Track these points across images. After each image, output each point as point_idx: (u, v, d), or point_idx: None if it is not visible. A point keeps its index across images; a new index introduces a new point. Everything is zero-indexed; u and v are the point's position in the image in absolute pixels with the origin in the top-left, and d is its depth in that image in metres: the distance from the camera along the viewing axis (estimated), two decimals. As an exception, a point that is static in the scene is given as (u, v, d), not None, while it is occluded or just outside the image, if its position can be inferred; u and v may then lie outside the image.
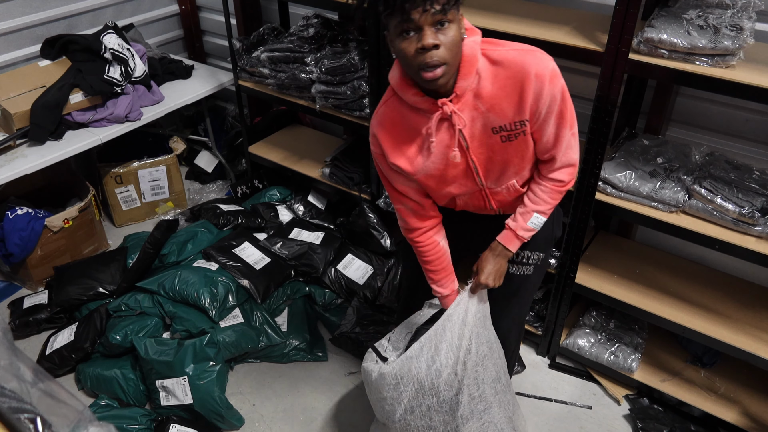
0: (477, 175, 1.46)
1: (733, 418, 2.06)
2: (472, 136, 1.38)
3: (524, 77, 1.30)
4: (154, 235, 2.51)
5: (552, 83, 1.32)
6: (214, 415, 2.13)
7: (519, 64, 1.30)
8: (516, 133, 1.37)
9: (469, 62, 1.30)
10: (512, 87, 1.32)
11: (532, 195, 1.51)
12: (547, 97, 1.32)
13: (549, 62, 1.32)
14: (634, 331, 2.33)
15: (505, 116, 1.35)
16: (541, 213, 1.51)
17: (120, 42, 2.78)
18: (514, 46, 1.34)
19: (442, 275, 1.65)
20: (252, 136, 3.18)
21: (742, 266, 2.21)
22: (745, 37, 1.65)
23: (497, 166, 1.44)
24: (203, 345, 2.16)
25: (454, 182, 1.47)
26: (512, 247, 1.56)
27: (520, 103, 1.33)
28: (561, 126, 1.39)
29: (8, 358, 0.77)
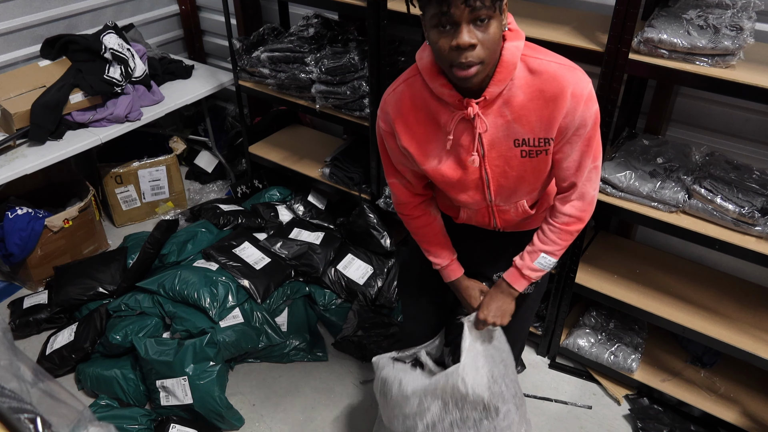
0: (488, 188, 1.37)
1: (733, 418, 2.06)
2: (491, 145, 1.29)
3: (560, 93, 1.21)
4: (154, 235, 2.51)
5: (587, 106, 1.23)
6: (214, 415, 2.13)
7: (557, 79, 1.22)
8: (539, 150, 1.29)
9: (507, 68, 1.21)
10: (545, 101, 1.23)
11: (541, 234, 1.44)
12: (579, 119, 1.24)
13: (588, 84, 1.24)
14: (634, 331, 2.33)
15: (531, 130, 1.26)
16: (550, 254, 1.43)
17: (120, 42, 2.78)
18: (556, 59, 1.25)
19: (436, 245, 1.58)
20: (252, 136, 3.18)
21: (742, 266, 2.21)
22: (745, 37, 1.65)
23: (511, 182, 1.35)
24: (203, 345, 2.16)
25: (462, 190, 1.40)
26: (518, 286, 1.49)
27: (550, 120, 1.24)
28: (585, 154, 1.30)
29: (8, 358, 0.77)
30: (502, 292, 1.51)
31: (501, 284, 1.51)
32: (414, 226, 1.58)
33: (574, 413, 2.23)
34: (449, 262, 1.59)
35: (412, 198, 1.53)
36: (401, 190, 1.52)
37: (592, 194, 1.37)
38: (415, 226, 1.57)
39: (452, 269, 1.60)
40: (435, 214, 1.57)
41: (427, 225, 1.56)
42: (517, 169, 1.32)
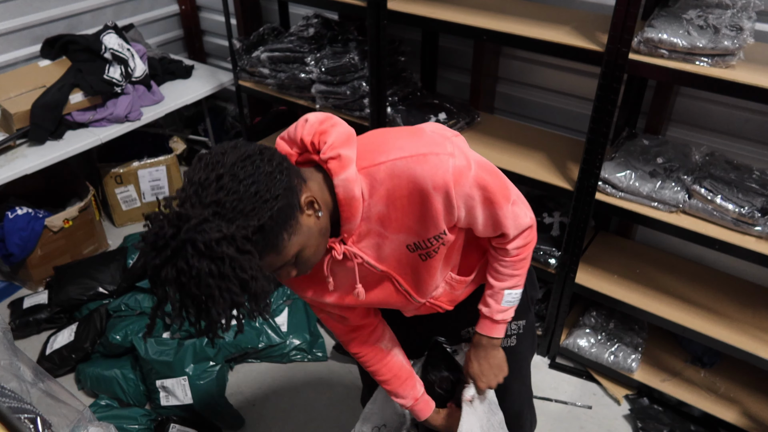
0: (410, 295, 1.24)
1: (733, 418, 2.06)
2: (383, 260, 1.14)
3: (422, 193, 1.04)
4: (154, 235, 2.51)
5: (459, 185, 1.05)
6: (214, 415, 2.13)
7: (411, 179, 1.03)
8: (435, 248, 1.13)
9: (349, 204, 1.03)
10: (411, 205, 1.06)
11: (495, 273, 1.28)
12: (460, 200, 1.07)
13: (446, 163, 1.03)
14: (634, 331, 2.33)
15: (415, 234, 1.10)
16: (513, 288, 1.29)
17: (120, 42, 2.78)
18: (401, 153, 1.04)
19: (396, 384, 1.40)
20: (252, 136, 3.18)
21: (742, 266, 2.21)
22: (745, 37, 1.65)
23: (427, 280, 1.21)
24: (203, 345, 2.16)
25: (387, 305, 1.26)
26: (497, 333, 1.33)
27: (428, 219, 1.08)
28: (496, 210, 1.14)
29: (8, 358, 0.77)
30: (484, 347, 1.35)
31: (479, 340, 1.35)
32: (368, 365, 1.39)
33: (574, 413, 2.23)
34: (414, 402, 1.42)
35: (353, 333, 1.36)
36: (336, 325, 1.36)
37: (527, 222, 1.22)
38: (364, 363, 1.39)
39: (419, 408, 1.43)
40: (388, 350, 1.38)
41: (381, 367, 1.39)
42: (425, 269, 1.18)
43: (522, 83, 2.52)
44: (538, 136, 2.37)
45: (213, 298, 0.86)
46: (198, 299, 0.87)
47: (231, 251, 0.85)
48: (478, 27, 1.98)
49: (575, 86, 2.37)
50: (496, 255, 1.26)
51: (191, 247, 0.84)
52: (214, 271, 0.84)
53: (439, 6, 2.15)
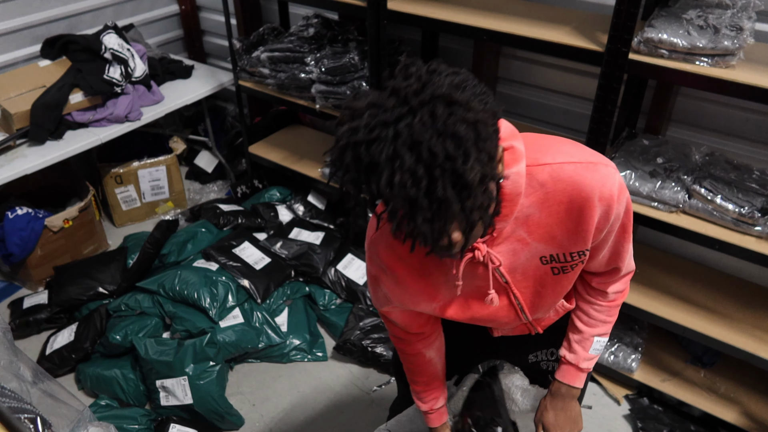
0: (521, 311, 1.15)
1: (733, 418, 2.06)
2: (513, 270, 1.08)
3: (585, 201, 0.99)
4: (154, 235, 2.51)
5: (619, 202, 1.01)
6: (214, 415, 2.13)
7: (577, 186, 0.98)
8: (573, 264, 1.07)
9: (511, 200, 0.97)
10: (567, 213, 1.00)
11: (586, 317, 1.21)
12: (614, 218, 1.03)
13: (614, 175, 1.00)
14: (634, 331, 2.33)
15: (558, 246, 1.04)
16: (603, 335, 1.22)
17: (120, 42, 2.78)
18: (568, 158, 0.99)
19: (424, 387, 1.35)
20: (252, 136, 3.18)
21: (742, 266, 2.21)
22: (745, 37, 1.65)
23: (547, 299, 1.14)
24: (203, 345, 2.16)
25: (489, 321, 1.18)
26: (578, 383, 1.25)
27: (579, 232, 1.02)
28: (624, 240, 1.11)
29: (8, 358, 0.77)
30: (563, 396, 1.26)
31: (559, 389, 1.26)
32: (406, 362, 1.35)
33: (574, 413, 2.23)
34: (430, 411, 1.37)
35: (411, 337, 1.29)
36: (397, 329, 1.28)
37: (633, 266, 1.18)
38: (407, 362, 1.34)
39: (432, 418, 1.38)
40: (433, 359, 1.33)
41: (419, 368, 1.33)
42: (552, 286, 1.11)
43: (522, 83, 2.52)
44: (538, 136, 2.37)
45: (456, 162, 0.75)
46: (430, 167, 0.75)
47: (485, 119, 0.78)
48: (478, 27, 1.98)
49: (575, 86, 2.37)
50: (592, 298, 1.20)
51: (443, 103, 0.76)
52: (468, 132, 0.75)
53: (439, 6, 2.15)
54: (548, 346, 1.38)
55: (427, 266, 1.08)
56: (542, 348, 1.38)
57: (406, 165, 0.76)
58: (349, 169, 0.81)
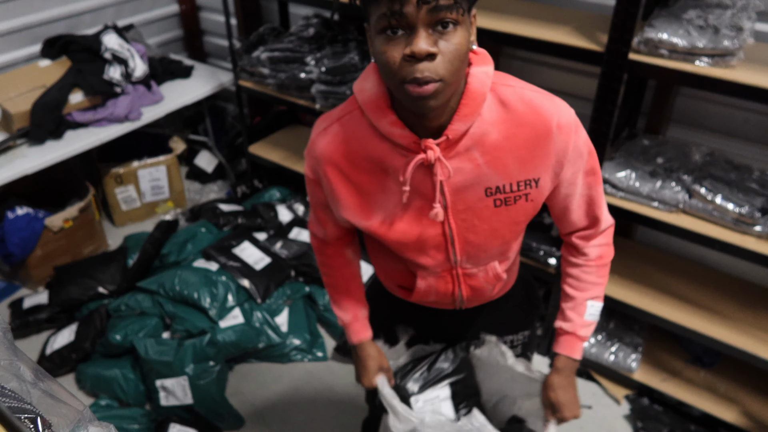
0: (452, 246, 1.10)
1: (733, 418, 2.06)
2: (456, 194, 1.03)
3: (544, 127, 0.99)
4: (154, 235, 2.51)
5: (577, 134, 1.02)
6: (214, 415, 2.14)
7: (538, 111, 0.99)
8: (517, 196, 1.04)
9: (474, 100, 0.96)
10: (525, 139, 0.99)
11: (575, 281, 1.19)
12: (573, 151, 1.02)
13: (571, 110, 1.02)
14: (634, 331, 2.33)
15: (507, 175, 1.02)
16: (596, 298, 1.20)
17: (120, 42, 2.78)
18: (531, 87, 1.03)
19: (345, 293, 1.32)
20: (252, 136, 3.18)
21: (742, 266, 2.21)
22: (745, 37, 1.65)
23: (481, 237, 1.09)
24: (203, 345, 2.16)
25: (420, 251, 1.12)
26: (579, 353, 1.21)
27: (533, 160, 1.01)
28: (596, 183, 1.09)
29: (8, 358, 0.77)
30: (568, 371, 1.22)
31: (563, 364, 1.22)
32: (324, 265, 1.31)
33: (574, 413, 2.23)
34: (353, 318, 1.32)
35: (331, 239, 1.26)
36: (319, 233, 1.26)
37: (611, 217, 1.17)
38: (325, 265, 1.31)
39: (356, 329, 1.33)
40: (353, 261, 1.31)
41: (339, 266, 1.30)
42: (489, 221, 1.06)
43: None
44: (538, 136, 2.37)
45: None
46: None
47: None
48: (478, 27, 1.98)
49: (575, 86, 2.37)
50: (578, 260, 1.18)
51: None
52: None
53: (439, 6, 2.15)
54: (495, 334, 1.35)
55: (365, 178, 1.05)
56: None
57: None
58: None
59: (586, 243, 1.16)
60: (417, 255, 1.12)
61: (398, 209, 1.06)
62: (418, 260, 1.13)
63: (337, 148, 1.05)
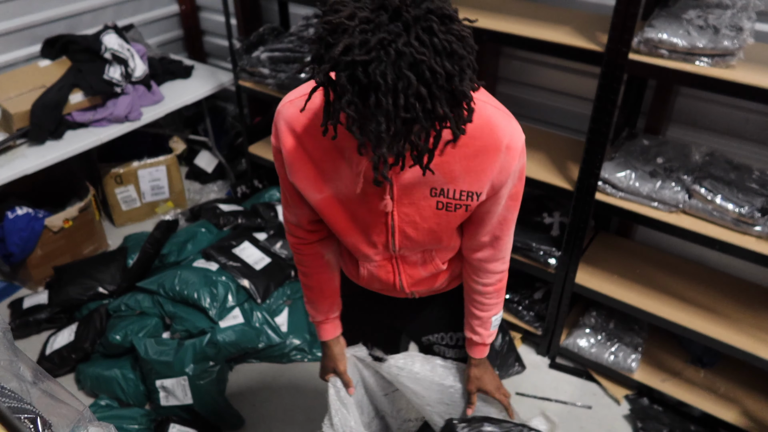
0: (392, 236, 1.15)
1: (733, 418, 2.06)
2: (403, 189, 1.08)
3: (493, 145, 1.02)
4: (154, 235, 2.51)
5: (521, 159, 1.07)
6: (214, 415, 2.13)
7: (492, 128, 1.02)
8: (458, 204, 1.08)
9: None
10: (475, 151, 1.03)
11: (480, 305, 1.30)
12: (513, 174, 1.07)
13: (522, 135, 1.06)
14: (634, 331, 2.33)
15: (452, 180, 1.06)
16: (498, 313, 1.33)
17: (120, 42, 2.78)
18: (491, 100, 1.05)
19: (319, 294, 1.35)
20: (252, 136, 3.18)
21: (742, 266, 2.21)
22: (745, 37, 1.65)
23: (420, 234, 1.14)
24: (203, 345, 2.16)
25: (362, 235, 1.17)
26: (486, 353, 1.38)
27: (478, 174, 1.05)
28: (512, 208, 1.15)
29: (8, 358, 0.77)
30: (482, 365, 1.39)
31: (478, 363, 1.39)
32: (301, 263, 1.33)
33: (574, 413, 2.23)
34: (324, 319, 1.38)
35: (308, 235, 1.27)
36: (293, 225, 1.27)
37: (510, 243, 1.23)
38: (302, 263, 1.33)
39: (326, 328, 1.39)
40: (330, 262, 1.33)
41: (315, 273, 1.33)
42: (429, 221, 1.12)
43: (522, 83, 2.52)
44: (538, 136, 2.37)
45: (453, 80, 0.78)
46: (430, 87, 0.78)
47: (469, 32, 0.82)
48: (478, 27, 1.98)
49: (575, 86, 2.37)
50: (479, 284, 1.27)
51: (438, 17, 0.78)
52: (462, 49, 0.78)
53: (439, 6, 2.15)
54: (440, 329, 1.45)
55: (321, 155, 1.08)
56: (435, 331, 1.46)
57: (413, 87, 0.77)
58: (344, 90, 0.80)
59: (486, 264, 1.24)
60: (358, 240, 1.17)
61: (348, 192, 1.09)
62: (359, 246, 1.18)
63: (299, 118, 1.07)
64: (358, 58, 0.77)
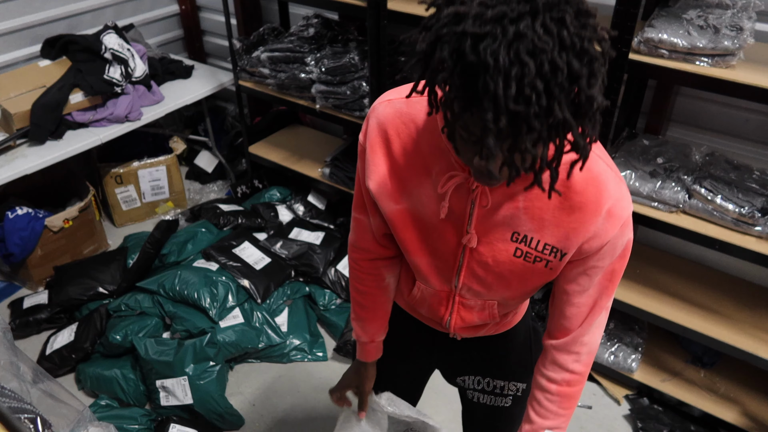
0: (458, 272, 1.06)
1: (733, 418, 2.06)
2: (483, 225, 0.97)
3: (594, 204, 0.90)
4: (154, 235, 2.51)
5: (622, 232, 0.94)
6: (214, 415, 2.13)
7: (597, 186, 0.90)
8: (539, 257, 0.97)
9: None
10: (572, 206, 0.91)
11: (538, 407, 1.11)
12: (609, 247, 0.94)
13: (630, 205, 0.94)
14: (634, 331, 2.33)
15: (540, 230, 0.94)
16: (555, 428, 1.11)
17: (120, 42, 2.78)
18: (605, 157, 0.93)
19: (372, 314, 1.26)
20: (252, 136, 3.18)
21: (742, 266, 2.21)
22: (745, 37, 1.65)
23: (489, 277, 1.03)
24: (203, 345, 2.16)
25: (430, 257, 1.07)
26: None
27: (568, 232, 0.93)
28: (605, 291, 1.01)
29: (8, 358, 0.77)
30: None
31: None
32: (358, 280, 1.25)
33: (574, 413, 2.22)
34: (369, 341, 1.30)
35: (376, 247, 1.18)
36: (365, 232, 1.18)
37: (598, 343, 1.07)
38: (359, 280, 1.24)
39: (370, 350, 1.31)
40: (390, 285, 1.25)
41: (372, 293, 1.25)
42: (503, 266, 1.00)
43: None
44: (538, 136, 2.37)
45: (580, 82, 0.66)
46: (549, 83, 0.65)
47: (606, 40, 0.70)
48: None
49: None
50: (543, 381, 1.10)
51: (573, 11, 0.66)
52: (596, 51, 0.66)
53: (439, 6, 2.15)
54: (477, 372, 1.32)
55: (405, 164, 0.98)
56: (471, 374, 1.32)
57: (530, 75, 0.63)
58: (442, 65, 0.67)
59: (558, 355, 1.08)
60: (423, 262, 1.08)
61: (426, 212, 1.01)
62: (422, 268, 1.09)
63: (393, 121, 0.98)
64: (470, 30, 0.65)
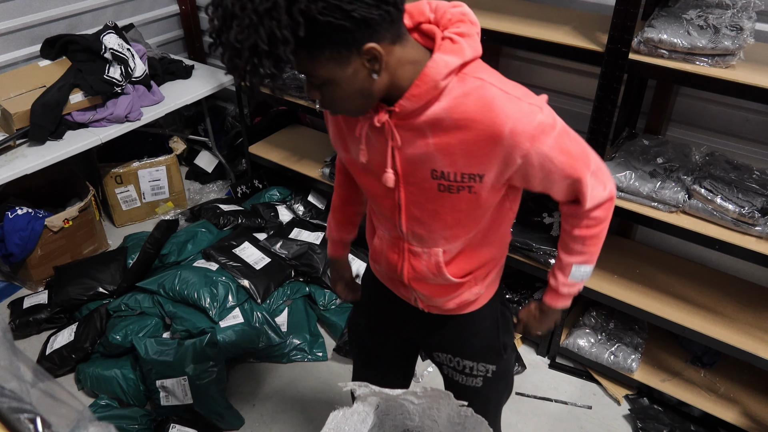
0: (399, 214, 1.16)
1: (733, 418, 2.06)
2: (407, 165, 1.07)
3: (494, 129, 0.97)
4: (154, 235, 2.51)
5: (539, 141, 0.99)
6: (214, 415, 2.13)
7: (493, 111, 0.97)
8: (460, 185, 1.05)
9: (425, 83, 0.96)
10: (475, 135, 0.98)
11: (564, 246, 1.23)
12: (536, 158, 1.00)
13: (536, 115, 0.99)
14: (634, 331, 2.33)
15: (453, 163, 1.02)
16: (582, 263, 1.22)
17: (120, 42, 2.78)
18: (500, 84, 0.99)
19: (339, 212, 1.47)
20: (252, 136, 3.18)
21: (742, 266, 2.21)
22: (745, 37, 1.65)
23: (424, 214, 1.13)
24: (203, 345, 2.16)
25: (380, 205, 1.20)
26: (561, 304, 1.29)
27: (479, 156, 1.01)
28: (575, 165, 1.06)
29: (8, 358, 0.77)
30: (545, 312, 1.33)
31: (543, 307, 1.33)
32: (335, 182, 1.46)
33: (574, 413, 2.23)
34: (335, 236, 1.50)
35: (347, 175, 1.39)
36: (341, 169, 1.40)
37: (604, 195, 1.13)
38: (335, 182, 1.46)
39: (333, 247, 1.52)
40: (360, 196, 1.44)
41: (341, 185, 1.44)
42: (432, 202, 1.10)
43: (522, 83, 2.51)
44: (538, 136, 2.37)
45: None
46: None
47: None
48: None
49: (575, 86, 2.37)
50: (567, 226, 1.20)
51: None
52: None
53: (439, 6, 2.15)
54: (446, 350, 1.38)
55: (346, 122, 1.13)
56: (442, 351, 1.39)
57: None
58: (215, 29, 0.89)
59: (575, 210, 1.16)
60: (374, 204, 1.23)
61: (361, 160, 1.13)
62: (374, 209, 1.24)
63: None
64: None
